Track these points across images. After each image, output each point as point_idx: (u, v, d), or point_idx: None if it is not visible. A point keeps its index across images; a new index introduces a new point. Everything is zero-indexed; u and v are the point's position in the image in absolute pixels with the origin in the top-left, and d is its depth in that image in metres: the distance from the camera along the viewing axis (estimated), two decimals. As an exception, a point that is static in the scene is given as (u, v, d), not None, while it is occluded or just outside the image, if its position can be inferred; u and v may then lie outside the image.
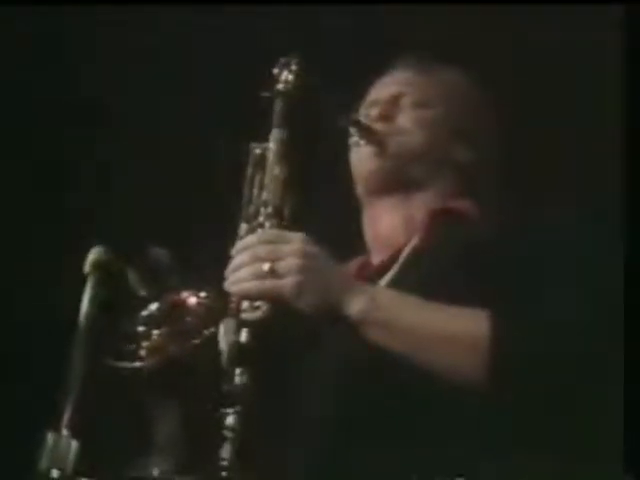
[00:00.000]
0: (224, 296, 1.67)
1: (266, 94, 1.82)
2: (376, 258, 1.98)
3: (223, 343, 1.67)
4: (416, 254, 1.90)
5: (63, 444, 1.60)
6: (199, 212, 2.76)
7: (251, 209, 1.79)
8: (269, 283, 1.64)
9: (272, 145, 1.80)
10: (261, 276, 1.64)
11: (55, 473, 1.59)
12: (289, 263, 1.64)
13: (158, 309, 1.68)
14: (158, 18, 2.94)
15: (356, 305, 1.65)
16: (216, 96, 2.85)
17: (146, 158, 2.95)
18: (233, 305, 1.66)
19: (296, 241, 1.67)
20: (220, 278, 1.73)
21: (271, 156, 1.80)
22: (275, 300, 1.64)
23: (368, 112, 2.00)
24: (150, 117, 2.96)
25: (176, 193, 2.91)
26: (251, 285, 1.64)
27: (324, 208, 1.84)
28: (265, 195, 1.77)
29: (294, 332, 1.74)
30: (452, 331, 1.65)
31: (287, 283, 1.63)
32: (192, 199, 2.87)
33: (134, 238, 1.79)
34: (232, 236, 1.77)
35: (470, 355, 1.62)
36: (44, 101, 3.01)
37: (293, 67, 1.82)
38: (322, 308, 1.65)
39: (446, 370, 1.63)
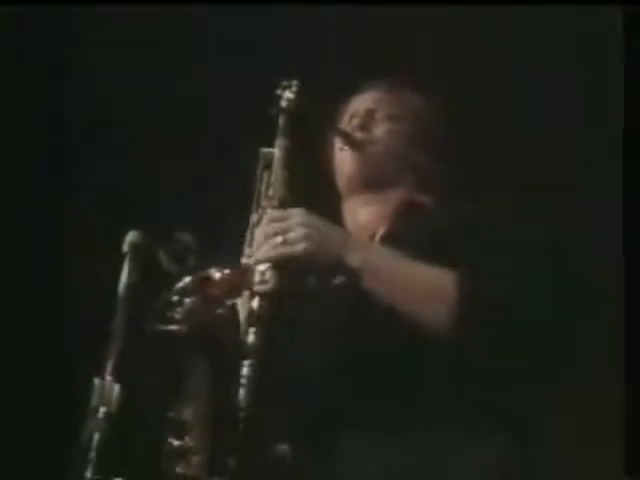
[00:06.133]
0: (242, 272, 2.03)
1: (272, 110, 2.18)
2: (355, 240, 2.33)
3: (241, 309, 2.03)
4: (386, 237, 2.28)
5: (108, 387, 1.92)
6: (218, 203, 2.98)
7: (260, 202, 2.17)
8: (285, 250, 1.99)
9: (277, 151, 2.18)
10: (277, 247, 1.99)
11: (102, 410, 1.91)
12: (297, 233, 1.99)
13: (190, 282, 2.00)
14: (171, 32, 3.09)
15: (356, 257, 2.00)
16: (236, 110, 3.02)
17: (175, 159, 3.14)
18: (248, 279, 2.01)
19: (297, 214, 2.03)
20: (235, 256, 2.10)
21: (276, 160, 2.18)
22: (292, 263, 1.99)
23: (349, 123, 2.37)
24: (178, 124, 3.13)
25: (200, 188, 3.11)
26: (271, 255, 2.00)
27: (315, 200, 2.13)
28: (272, 191, 2.16)
29: (296, 299, 2.06)
30: (427, 281, 2.00)
31: (299, 249, 1.98)
32: (212, 194, 3.08)
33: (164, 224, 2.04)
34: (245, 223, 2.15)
35: (440, 302, 1.96)
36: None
37: (293, 88, 2.19)
38: (329, 263, 2.01)
39: (419, 315, 1.96)
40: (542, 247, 2.14)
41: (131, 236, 2.04)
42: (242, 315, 2.03)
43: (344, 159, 2.37)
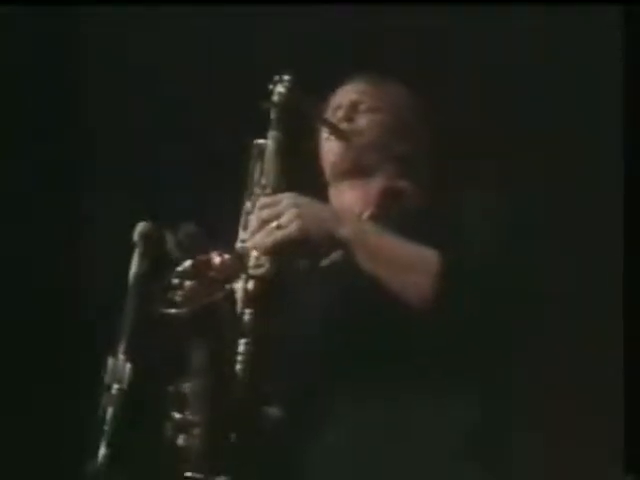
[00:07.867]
0: (239, 256, 2.16)
1: (265, 104, 2.32)
2: (340, 224, 2.47)
3: (237, 291, 2.16)
4: (371, 219, 2.40)
5: (120, 366, 2.05)
6: (217, 193, 3.04)
7: (253, 190, 2.31)
8: (280, 234, 2.09)
9: (269, 142, 2.32)
10: (273, 233, 2.09)
11: (115, 387, 2.04)
12: (289, 215, 2.09)
13: (190, 266, 2.13)
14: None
15: (346, 229, 2.12)
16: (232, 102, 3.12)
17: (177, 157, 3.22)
18: (244, 263, 2.15)
19: (287, 197, 2.16)
20: (232, 242, 2.22)
21: (269, 150, 2.31)
22: (288, 245, 2.09)
23: (334, 114, 2.51)
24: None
25: (202, 181, 3.21)
26: (267, 241, 2.10)
27: (304, 186, 2.25)
28: (264, 180, 2.29)
29: (288, 281, 2.18)
30: (411, 254, 2.12)
31: (293, 229, 2.09)
32: (212, 183, 3.17)
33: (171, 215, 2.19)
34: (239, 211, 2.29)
35: (422, 274, 2.07)
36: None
37: (284, 83, 2.33)
38: (322, 238, 2.11)
39: (401, 286, 2.07)
40: (528, 227, 2.27)
41: (141, 227, 2.17)
42: (238, 297, 2.15)
43: (330, 148, 2.51)
